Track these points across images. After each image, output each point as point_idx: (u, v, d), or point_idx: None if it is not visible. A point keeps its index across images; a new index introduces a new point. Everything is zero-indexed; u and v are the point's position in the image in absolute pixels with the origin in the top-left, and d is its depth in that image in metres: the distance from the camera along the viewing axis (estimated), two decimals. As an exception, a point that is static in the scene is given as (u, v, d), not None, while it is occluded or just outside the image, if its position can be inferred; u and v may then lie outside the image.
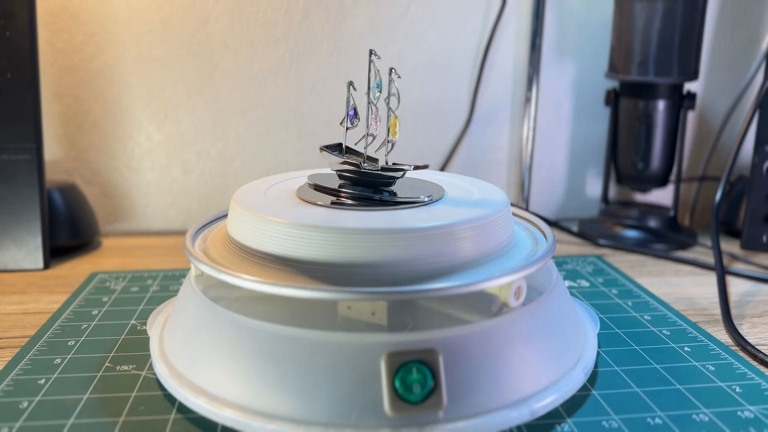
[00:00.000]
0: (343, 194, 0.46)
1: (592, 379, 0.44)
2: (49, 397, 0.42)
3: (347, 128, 0.46)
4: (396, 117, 0.46)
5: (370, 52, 0.45)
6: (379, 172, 0.46)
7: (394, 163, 0.47)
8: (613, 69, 0.77)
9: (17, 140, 0.66)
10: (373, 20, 0.81)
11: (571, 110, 0.87)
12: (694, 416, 0.40)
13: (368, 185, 0.47)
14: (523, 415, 0.37)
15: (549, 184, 0.89)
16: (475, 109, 0.85)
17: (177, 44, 0.78)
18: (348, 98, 0.45)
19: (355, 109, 0.46)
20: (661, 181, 0.80)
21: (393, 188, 0.47)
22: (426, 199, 0.45)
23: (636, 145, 0.78)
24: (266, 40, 0.80)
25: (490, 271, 0.41)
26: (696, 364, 0.46)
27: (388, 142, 0.46)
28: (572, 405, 0.41)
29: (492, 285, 0.38)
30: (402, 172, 0.46)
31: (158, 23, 0.78)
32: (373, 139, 0.46)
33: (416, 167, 0.46)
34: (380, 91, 0.46)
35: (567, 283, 0.64)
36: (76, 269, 0.67)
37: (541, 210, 0.89)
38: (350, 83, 0.45)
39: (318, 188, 0.47)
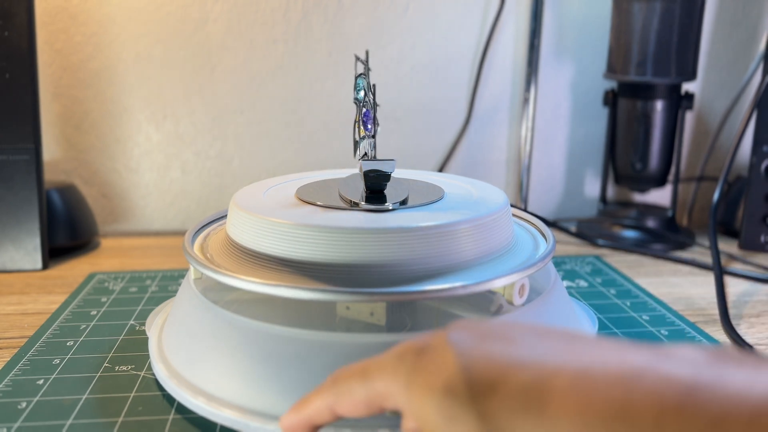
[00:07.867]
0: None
1: (591, 379, 0.44)
2: (48, 398, 0.42)
3: (371, 136, 0.46)
4: None
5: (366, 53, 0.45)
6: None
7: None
8: (611, 69, 0.77)
9: (15, 140, 0.66)
10: (372, 20, 0.81)
11: (570, 110, 0.87)
12: (692, 416, 0.40)
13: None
14: (521, 415, 0.37)
15: (547, 184, 0.89)
16: (473, 109, 0.85)
17: (176, 44, 0.78)
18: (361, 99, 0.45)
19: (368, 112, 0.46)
20: (660, 182, 0.80)
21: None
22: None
23: (634, 145, 0.78)
24: (265, 40, 0.79)
25: (490, 272, 0.41)
26: (694, 364, 0.46)
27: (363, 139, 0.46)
28: (571, 405, 0.41)
29: (490, 287, 0.38)
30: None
31: (157, 23, 0.77)
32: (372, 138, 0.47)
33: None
34: (365, 92, 0.45)
35: (565, 283, 0.64)
36: (74, 270, 0.67)
37: (540, 210, 0.89)
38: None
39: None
